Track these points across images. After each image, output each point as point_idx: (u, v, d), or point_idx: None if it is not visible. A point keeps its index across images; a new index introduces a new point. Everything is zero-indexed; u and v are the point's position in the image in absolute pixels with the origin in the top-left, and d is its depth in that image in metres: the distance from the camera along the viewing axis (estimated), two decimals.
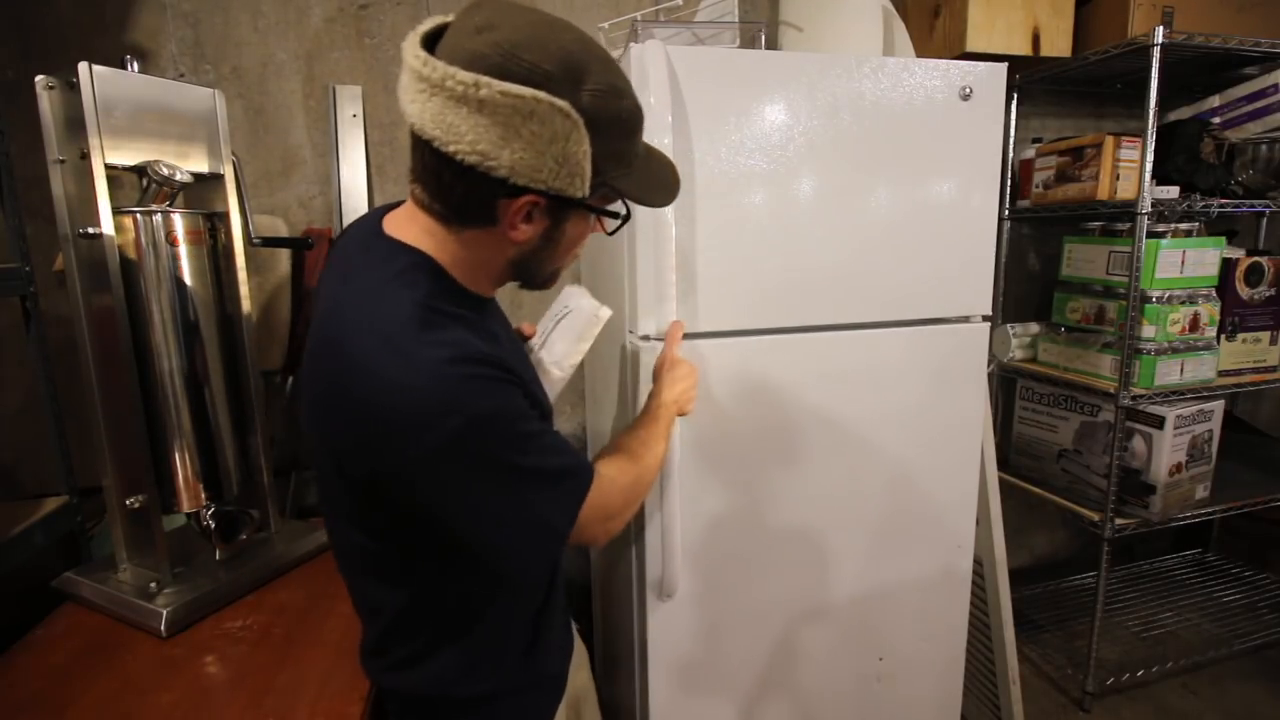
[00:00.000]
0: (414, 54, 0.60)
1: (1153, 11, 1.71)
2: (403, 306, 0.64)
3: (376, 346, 0.62)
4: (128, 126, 1.06)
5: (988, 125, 1.25)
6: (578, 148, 0.62)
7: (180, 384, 1.13)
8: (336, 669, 0.98)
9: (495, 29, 0.59)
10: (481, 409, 0.62)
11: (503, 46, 0.58)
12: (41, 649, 1.04)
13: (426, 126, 0.61)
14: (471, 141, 0.59)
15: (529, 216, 0.66)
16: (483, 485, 0.66)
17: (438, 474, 0.64)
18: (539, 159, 0.61)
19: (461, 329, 0.65)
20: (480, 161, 0.60)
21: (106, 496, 1.14)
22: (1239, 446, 2.16)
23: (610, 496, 0.79)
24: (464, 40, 0.60)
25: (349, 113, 1.67)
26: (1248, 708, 1.86)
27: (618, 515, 0.82)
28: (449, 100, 0.59)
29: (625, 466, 0.84)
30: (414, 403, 0.60)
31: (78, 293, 1.08)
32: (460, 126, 0.59)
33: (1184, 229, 1.83)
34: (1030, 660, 2.06)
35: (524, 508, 0.69)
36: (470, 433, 0.62)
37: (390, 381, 0.60)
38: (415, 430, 0.61)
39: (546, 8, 1.76)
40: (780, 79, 1.14)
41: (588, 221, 0.73)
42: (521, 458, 0.67)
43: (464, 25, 0.61)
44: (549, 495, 0.70)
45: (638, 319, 1.14)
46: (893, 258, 1.24)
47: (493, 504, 0.67)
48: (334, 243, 0.99)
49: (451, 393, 0.61)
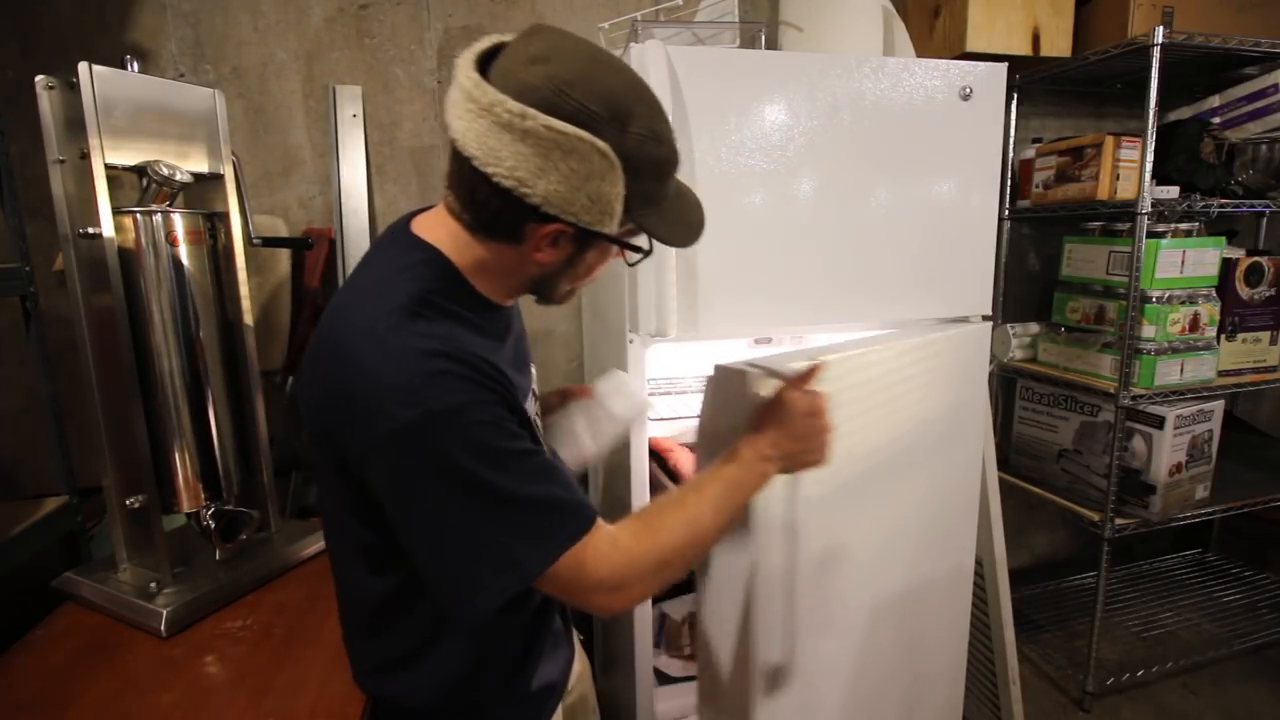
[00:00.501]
0: (466, 74, 0.63)
1: (1153, 11, 1.71)
2: (398, 298, 0.65)
3: (361, 335, 0.63)
4: (128, 126, 1.06)
5: (988, 125, 1.25)
6: (612, 188, 0.64)
7: (180, 384, 1.13)
8: (336, 669, 0.98)
9: (549, 62, 0.62)
10: (443, 404, 0.60)
11: (554, 81, 0.61)
12: (41, 649, 1.03)
13: (469, 144, 0.62)
14: (510, 167, 0.61)
15: (554, 242, 0.68)
16: (431, 490, 0.62)
17: (386, 467, 0.62)
18: (572, 193, 0.63)
19: (454, 325, 0.65)
20: (516, 187, 0.62)
21: (106, 496, 1.13)
22: (1239, 446, 2.16)
23: (613, 562, 0.67)
24: (518, 69, 0.62)
25: (349, 113, 1.67)
26: (1248, 708, 1.86)
27: (627, 587, 0.69)
28: (494, 125, 0.60)
29: (648, 534, 0.71)
30: (374, 388, 0.61)
31: (78, 293, 1.08)
32: (501, 151, 0.61)
33: (1184, 229, 1.83)
34: (1030, 660, 2.06)
35: (479, 528, 0.63)
36: (426, 427, 0.60)
37: (360, 367, 0.62)
38: (369, 416, 0.61)
39: (547, 8, 1.76)
40: (780, 79, 1.14)
41: (610, 252, 0.74)
42: (484, 469, 0.62)
43: (520, 53, 0.64)
44: (516, 522, 0.64)
45: (638, 319, 1.14)
46: (893, 258, 1.24)
47: (438, 516, 0.63)
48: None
49: (413, 383, 0.60)
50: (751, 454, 0.78)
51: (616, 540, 0.69)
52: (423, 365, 0.61)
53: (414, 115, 1.76)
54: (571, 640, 0.95)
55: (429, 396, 0.60)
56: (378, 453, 0.62)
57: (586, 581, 0.67)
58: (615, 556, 0.68)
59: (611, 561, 0.67)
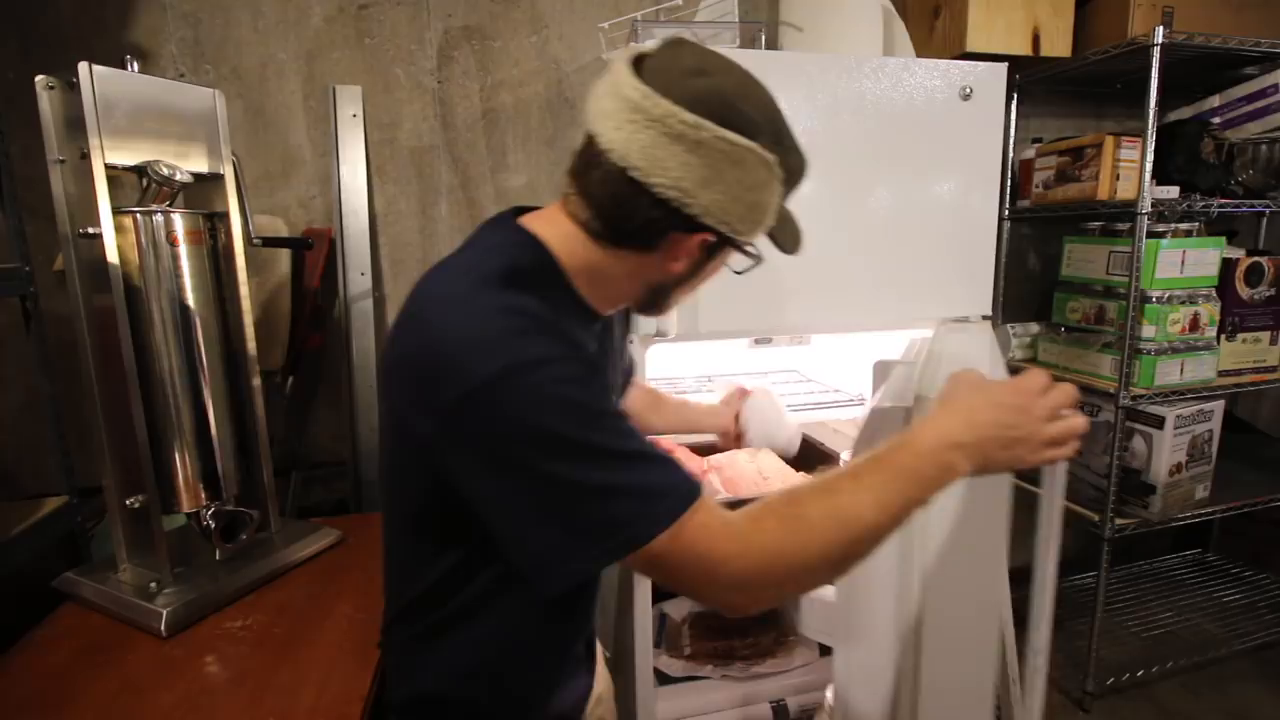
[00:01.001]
0: (633, 85, 0.61)
1: (1153, 11, 1.71)
2: (486, 268, 0.64)
3: (443, 299, 0.63)
4: (128, 126, 1.06)
5: (988, 125, 1.25)
6: (770, 199, 0.66)
7: (180, 384, 1.13)
8: (336, 669, 0.98)
9: (710, 75, 0.62)
10: (526, 355, 0.58)
11: (722, 94, 0.61)
12: (41, 649, 1.03)
13: (630, 155, 0.61)
14: (676, 178, 0.61)
15: (695, 250, 0.68)
16: (514, 448, 0.57)
17: (465, 426, 0.59)
18: (733, 204, 0.63)
19: (537, 301, 0.62)
20: (678, 197, 0.62)
21: (106, 496, 1.13)
22: (1239, 446, 2.16)
23: (727, 549, 0.58)
24: (680, 80, 0.62)
25: (349, 113, 1.67)
26: (1248, 708, 1.86)
27: (748, 584, 0.59)
28: (664, 135, 0.60)
29: (777, 521, 0.60)
30: (453, 345, 0.59)
31: (78, 293, 1.08)
32: (668, 162, 0.61)
33: (1184, 229, 1.83)
34: (1029, 660, 2.06)
35: (569, 489, 0.57)
36: (508, 381, 0.57)
37: (441, 326, 0.61)
38: (448, 374, 0.59)
39: (547, 8, 1.76)
40: (780, 79, 1.13)
41: (727, 260, 0.74)
42: (572, 426, 0.57)
43: (674, 65, 0.63)
44: (611, 482, 0.58)
45: (639, 319, 1.14)
46: (893, 257, 1.24)
47: (522, 477, 0.58)
48: None
49: (493, 337, 0.58)
50: (932, 438, 0.63)
51: (730, 523, 0.59)
52: (504, 322, 0.59)
53: (414, 115, 1.76)
54: (593, 668, 0.91)
55: (510, 349, 0.58)
56: (457, 412, 0.59)
57: (698, 570, 0.58)
58: (730, 543, 0.58)
59: (728, 553, 0.58)
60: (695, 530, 0.58)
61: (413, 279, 2.00)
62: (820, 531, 0.59)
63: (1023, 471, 0.68)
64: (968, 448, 0.63)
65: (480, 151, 1.81)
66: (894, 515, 0.61)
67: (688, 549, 0.58)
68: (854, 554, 0.61)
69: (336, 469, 1.81)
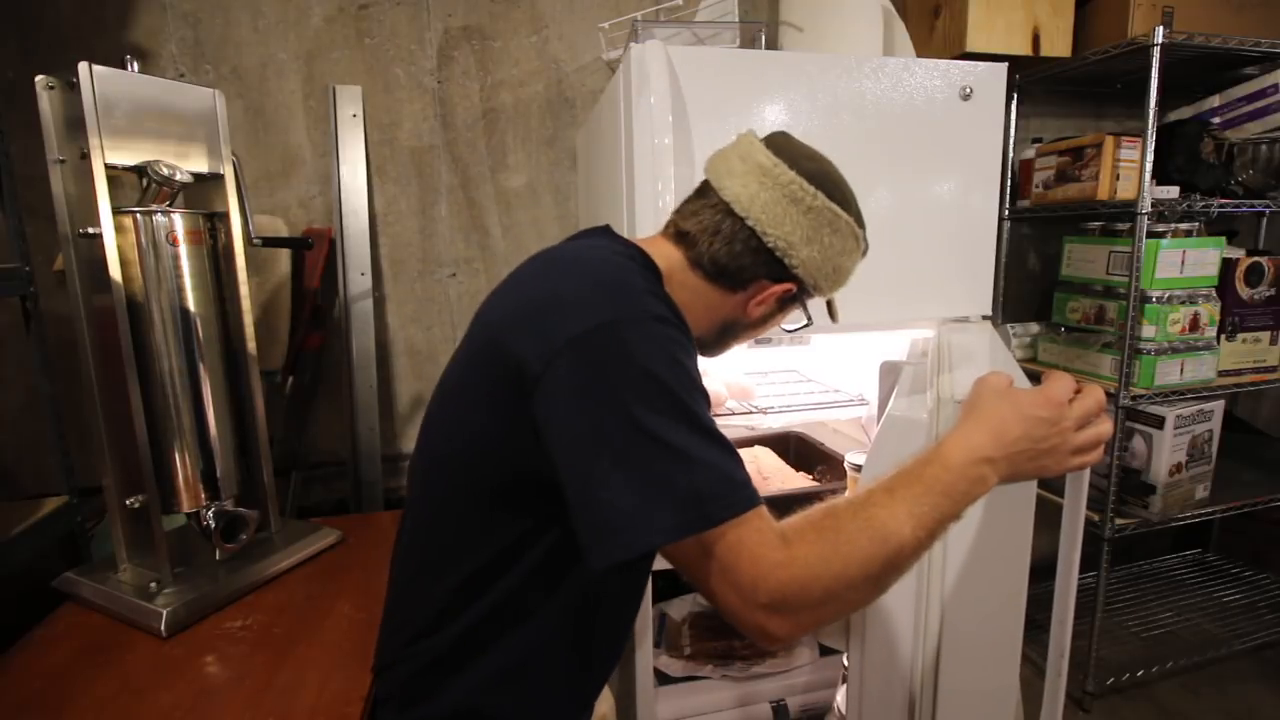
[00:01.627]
0: (765, 155, 0.76)
1: (1153, 11, 1.71)
2: (608, 248, 0.72)
3: (576, 260, 0.69)
4: (128, 126, 1.06)
5: (988, 125, 1.25)
6: (850, 262, 0.81)
7: (180, 384, 1.13)
8: (336, 669, 0.98)
9: (819, 162, 0.78)
10: (643, 310, 0.61)
11: (829, 176, 0.78)
12: (41, 649, 1.03)
13: (753, 209, 0.74)
14: (787, 232, 0.74)
15: (774, 299, 0.79)
16: (618, 395, 0.56)
17: (562, 373, 0.58)
18: (824, 262, 0.77)
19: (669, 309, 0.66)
20: (785, 249, 0.75)
21: (106, 496, 1.13)
22: (1239, 446, 2.16)
23: (778, 566, 0.55)
24: (799, 160, 0.76)
25: (349, 113, 1.67)
26: (1248, 708, 1.86)
27: (794, 606, 0.55)
28: (784, 197, 0.74)
29: (821, 540, 0.57)
30: (590, 289, 0.63)
31: (78, 293, 1.08)
32: (784, 219, 0.74)
33: (1184, 229, 1.83)
34: (1030, 660, 2.06)
35: (663, 450, 0.55)
36: (618, 326, 0.58)
37: (579, 276, 0.66)
38: (579, 309, 0.60)
39: (547, 9, 1.76)
40: (780, 79, 1.14)
41: (787, 317, 0.85)
42: (676, 385, 0.57)
43: (792, 148, 0.78)
44: (704, 454, 0.56)
45: None
46: (893, 257, 1.24)
47: (618, 429, 0.56)
48: None
49: (613, 293, 0.62)
50: (962, 453, 0.61)
51: (787, 538, 0.57)
52: (634, 281, 0.65)
53: (414, 115, 1.76)
54: (591, 705, 0.87)
55: (638, 301, 0.62)
56: (573, 346, 0.58)
57: (742, 572, 0.55)
58: (783, 555, 0.55)
59: (778, 560, 0.55)
60: (752, 532, 0.56)
61: (413, 279, 2.00)
62: (859, 546, 0.56)
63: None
64: (998, 462, 0.62)
65: (480, 151, 1.81)
66: (930, 530, 0.59)
67: (743, 546, 0.55)
68: (893, 569, 0.58)
69: (336, 469, 1.81)
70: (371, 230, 1.73)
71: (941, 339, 0.94)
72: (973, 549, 1.24)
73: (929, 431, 1.09)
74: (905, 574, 0.59)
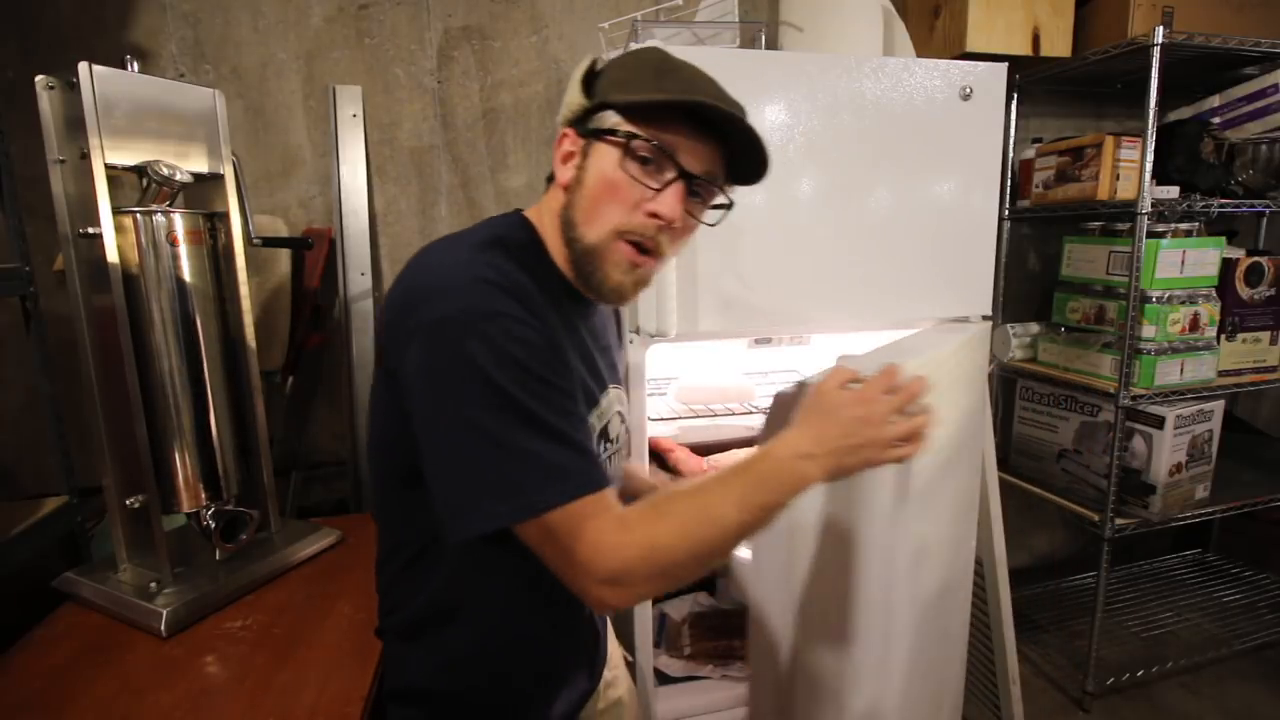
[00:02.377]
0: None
1: (1153, 11, 1.71)
2: (473, 238, 0.70)
3: (430, 253, 0.69)
4: (128, 126, 1.06)
5: (988, 125, 1.25)
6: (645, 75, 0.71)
7: (180, 384, 1.13)
8: (336, 669, 0.98)
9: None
10: (485, 307, 0.62)
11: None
12: (41, 649, 1.03)
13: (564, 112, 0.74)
14: (574, 97, 0.72)
15: (565, 140, 0.73)
16: (451, 389, 0.61)
17: (415, 357, 0.63)
18: (611, 86, 0.71)
19: (516, 268, 0.67)
20: (571, 103, 0.72)
21: (106, 496, 1.14)
22: (1239, 446, 2.16)
23: (616, 544, 0.61)
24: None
25: (349, 113, 1.67)
26: (1248, 708, 1.86)
27: (629, 580, 0.62)
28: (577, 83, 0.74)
29: (657, 521, 0.64)
30: (425, 287, 0.65)
31: (78, 293, 1.08)
32: (575, 91, 0.73)
33: (1184, 229, 1.83)
34: (1030, 660, 2.06)
35: (489, 441, 0.60)
36: (461, 323, 0.61)
37: (419, 274, 0.67)
38: (413, 309, 0.64)
39: (547, 8, 1.76)
40: (780, 79, 1.14)
41: (613, 159, 0.69)
42: (509, 383, 0.60)
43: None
44: (527, 448, 0.61)
45: (639, 319, 1.14)
46: (893, 257, 1.24)
47: (452, 418, 0.61)
48: None
49: (461, 285, 0.63)
50: (786, 451, 0.67)
51: (626, 521, 0.63)
52: (475, 273, 0.64)
53: (414, 115, 1.76)
54: (595, 671, 0.90)
55: (473, 296, 0.62)
56: (413, 343, 0.63)
57: (581, 554, 0.61)
58: (621, 538, 0.61)
59: (615, 543, 0.61)
60: (588, 517, 0.61)
61: None
62: (690, 529, 0.63)
63: (1023, 471, 0.68)
64: (819, 458, 0.67)
65: (480, 151, 1.81)
66: (755, 516, 0.65)
67: (578, 531, 0.61)
68: (719, 550, 0.65)
69: (336, 469, 1.81)
70: (371, 230, 1.73)
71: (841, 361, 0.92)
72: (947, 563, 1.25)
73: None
74: (725, 552, 0.66)
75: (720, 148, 0.71)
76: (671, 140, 0.68)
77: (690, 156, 0.69)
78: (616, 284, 0.72)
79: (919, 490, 1.03)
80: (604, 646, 0.94)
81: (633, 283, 0.72)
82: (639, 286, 0.74)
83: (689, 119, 0.68)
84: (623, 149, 0.68)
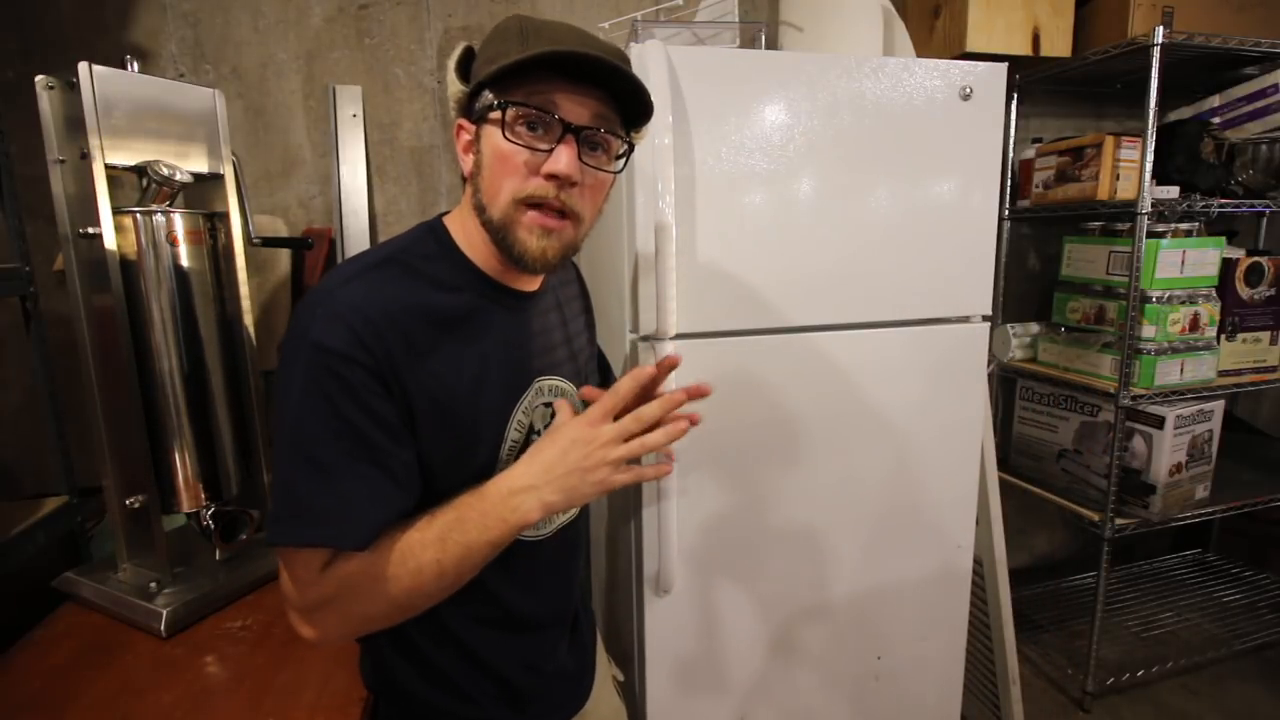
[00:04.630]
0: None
1: (1153, 11, 1.71)
2: (364, 259, 0.71)
3: (321, 283, 0.69)
4: (128, 126, 1.06)
5: (988, 125, 1.25)
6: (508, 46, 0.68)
7: (180, 384, 1.13)
8: (336, 669, 0.98)
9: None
10: (317, 340, 0.63)
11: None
12: (41, 649, 1.03)
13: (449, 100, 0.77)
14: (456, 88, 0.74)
15: (467, 146, 0.75)
16: (279, 407, 0.65)
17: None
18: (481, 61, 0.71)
19: (404, 287, 0.68)
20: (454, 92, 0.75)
21: (106, 496, 1.13)
22: (1239, 446, 2.16)
23: (299, 581, 0.65)
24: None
25: (349, 113, 1.67)
26: (1248, 708, 1.86)
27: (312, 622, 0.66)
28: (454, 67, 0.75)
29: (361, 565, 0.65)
30: (300, 304, 0.67)
31: (78, 293, 1.08)
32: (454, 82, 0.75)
33: (1184, 229, 1.83)
34: (1030, 660, 2.06)
35: (285, 466, 0.64)
36: (293, 351, 0.64)
37: (305, 295, 0.69)
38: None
39: (547, 8, 1.76)
40: (780, 79, 1.14)
41: (499, 132, 0.68)
42: (312, 417, 0.63)
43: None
44: (304, 482, 0.63)
45: (638, 318, 1.14)
46: (893, 257, 1.24)
47: (278, 434, 0.65)
48: None
49: (311, 315, 0.64)
50: (501, 486, 0.68)
51: (329, 566, 0.64)
52: (332, 303, 0.65)
53: (414, 115, 1.76)
54: (575, 690, 0.91)
55: (309, 327, 0.63)
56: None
57: (284, 585, 0.66)
58: (310, 583, 0.64)
59: (307, 584, 0.64)
60: (301, 557, 0.64)
61: None
62: (386, 572, 0.64)
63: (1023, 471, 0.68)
64: (542, 489, 0.67)
65: None
66: (455, 556, 0.65)
67: (291, 567, 0.65)
68: (417, 592, 0.65)
69: None
70: (371, 230, 1.72)
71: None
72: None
73: None
74: (430, 593, 0.66)
75: (605, 95, 0.68)
76: (547, 98, 0.66)
77: (573, 108, 0.66)
78: (535, 250, 0.69)
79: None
80: (590, 673, 0.94)
81: (553, 247, 0.69)
82: (565, 251, 0.71)
83: (561, 73, 0.66)
84: (503, 119, 0.67)
